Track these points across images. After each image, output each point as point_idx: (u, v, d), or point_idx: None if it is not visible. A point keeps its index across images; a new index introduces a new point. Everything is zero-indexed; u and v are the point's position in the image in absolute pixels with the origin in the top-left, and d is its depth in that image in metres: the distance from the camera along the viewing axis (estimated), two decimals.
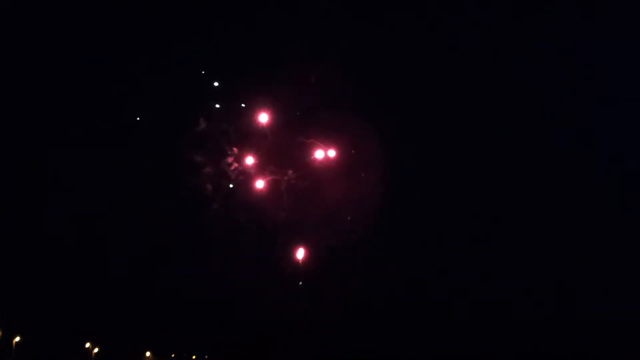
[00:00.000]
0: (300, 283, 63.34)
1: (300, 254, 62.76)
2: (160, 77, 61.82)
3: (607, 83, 58.12)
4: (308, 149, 60.99)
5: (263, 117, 60.32)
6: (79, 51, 62.72)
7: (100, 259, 65.75)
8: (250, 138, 61.66)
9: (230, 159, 60.80)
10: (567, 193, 59.04)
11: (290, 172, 60.80)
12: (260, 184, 61.24)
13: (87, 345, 72.26)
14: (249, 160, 61.30)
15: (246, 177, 61.36)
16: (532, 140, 59.30)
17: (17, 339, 69.07)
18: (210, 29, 61.67)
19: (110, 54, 62.38)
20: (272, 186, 61.37)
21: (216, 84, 61.65)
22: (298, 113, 61.32)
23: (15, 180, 64.53)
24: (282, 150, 61.32)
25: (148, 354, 72.84)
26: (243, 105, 61.47)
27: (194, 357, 74.25)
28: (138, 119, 63.73)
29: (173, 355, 73.94)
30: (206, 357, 74.19)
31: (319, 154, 61.08)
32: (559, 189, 59.15)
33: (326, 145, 60.82)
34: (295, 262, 62.99)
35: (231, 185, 61.92)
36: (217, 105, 61.32)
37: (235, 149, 60.98)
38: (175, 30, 61.50)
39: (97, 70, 62.66)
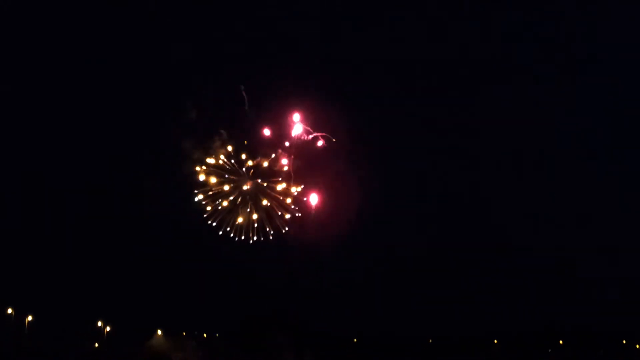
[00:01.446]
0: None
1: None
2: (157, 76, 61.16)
3: (607, 83, 58.14)
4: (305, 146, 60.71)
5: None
6: (77, 51, 62.01)
7: (112, 240, 66.53)
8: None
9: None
10: (566, 192, 59.91)
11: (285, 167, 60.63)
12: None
13: (99, 324, 74.00)
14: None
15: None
16: (532, 140, 59.67)
17: (30, 318, 70.49)
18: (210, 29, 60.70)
19: (108, 53, 61.72)
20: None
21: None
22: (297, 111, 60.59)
23: (18, 168, 64.95)
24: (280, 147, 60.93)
25: (159, 332, 74.38)
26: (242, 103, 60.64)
27: (204, 334, 75.67)
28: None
29: (184, 333, 75.29)
30: (217, 334, 75.93)
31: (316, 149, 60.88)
32: (558, 188, 59.98)
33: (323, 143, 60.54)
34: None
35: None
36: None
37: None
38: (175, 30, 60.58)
39: (95, 70, 62.14)
